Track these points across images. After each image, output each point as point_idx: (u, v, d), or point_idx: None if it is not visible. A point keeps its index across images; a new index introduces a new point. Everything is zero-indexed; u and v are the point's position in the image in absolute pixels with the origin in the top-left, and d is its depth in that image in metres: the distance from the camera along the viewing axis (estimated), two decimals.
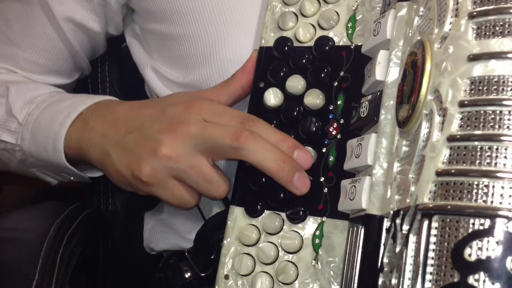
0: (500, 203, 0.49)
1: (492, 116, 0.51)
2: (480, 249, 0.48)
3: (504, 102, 0.50)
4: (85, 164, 0.87)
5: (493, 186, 0.49)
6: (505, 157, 0.50)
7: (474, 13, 0.53)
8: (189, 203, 0.74)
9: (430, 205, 0.51)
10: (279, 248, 0.70)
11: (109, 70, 1.07)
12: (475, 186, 0.50)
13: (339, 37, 0.73)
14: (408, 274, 0.52)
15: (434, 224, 0.51)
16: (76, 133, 0.82)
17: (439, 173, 0.51)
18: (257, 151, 0.69)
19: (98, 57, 1.05)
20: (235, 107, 0.77)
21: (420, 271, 0.50)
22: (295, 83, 0.73)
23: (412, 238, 0.52)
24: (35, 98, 0.89)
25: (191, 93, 0.79)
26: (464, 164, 0.51)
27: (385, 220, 0.58)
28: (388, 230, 0.57)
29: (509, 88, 0.51)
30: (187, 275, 0.80)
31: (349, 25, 0.73)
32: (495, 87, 0.51)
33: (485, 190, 0.49)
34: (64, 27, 0.92)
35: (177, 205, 0.74)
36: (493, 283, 0.47)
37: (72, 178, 0.91)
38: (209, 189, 0.72)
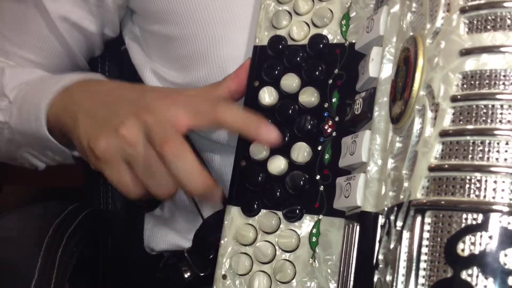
0: (493, 197, 0.48)
1: (484, 111, 0.50)
2: (473, 244, 0.48)
3: (497, 96, 0.50)
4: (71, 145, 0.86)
5: (486, 181, 0.49)
6: (497, 151, 0.49)
7: (466, 7, 0.53)
8: (132, 193, 0.72)
9: (423, 201, 0.51)
10: (276, 247, 0.70)
11: (109, 71, 1.07)
12: (467, 181, 0.50)
13: (333, 34, 0.73)
14: (402, 270, 0.52)
15: (427, 220, 0.51)
16: (58, 102, 0.82)
17: (431, 169, 0.51)
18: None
19: (98, 58, 1.05)
20: None
21: (414, 267, 0.50)
22: (290, 81, 0.73)
23: (406, 234, 0.52)
24: (28, 80, 0.90)
25: (178, 90, 0.79)
26: (457, 159, 0.50)
27: (380, 216, 0.58)
28: (383, 227, 0.57)
29: (501, 82, 0.50)
30: (187, 275, 0.80)
31: (343, 22, 0.73)
32: (487, 81, 0.51)
33: (478, 185, 0.49)
34: (59, 26, 0.92)
35: (120, 190, 0.73)
36: (486, 278, 0.47)
37: (57, 157, 0.91)
38: (151, 185, 0.71)
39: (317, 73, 0.72)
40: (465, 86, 0.52)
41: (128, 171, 0.71)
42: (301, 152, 0.71)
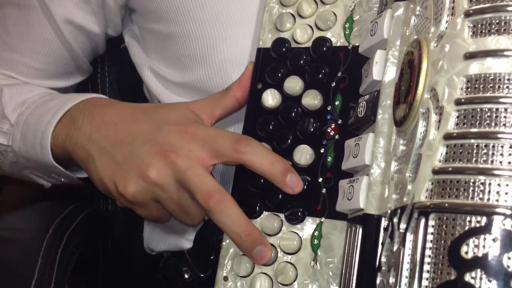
0: (497, 200, 0.48)
1: (489, 114, 0.51)
2: (476, 246, 0.48)
3: (501, 100, 0.50)
4: (77, 166, 0.86)
5: (490, 184, 0.49)
6: (501, 154, 0.49)
7: (470, 11, 0.53)
8: (163, 221, 0.77)
9: (427, 203, 0.51)
10: (278, 249, 0.70)
11: (109, 70, 1.07)
12: (471, 183, 0.50)
13: (336, 37, 0.73)
14: (405, 272, 0.52)
15: (431, 222, 0.51)
16: (63, 131, 0.81)
17: (435, 171, 0.51)
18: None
19: (98, 57, 1.05)
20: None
21: (417, 269, 0.50)
22: (293, 84, 0.73)
23: (409, 237, 0.52)
24: (27, 100, 0.89)
25: (187, 107, 0.78)
26: (461, 162, 0.51)
27: (383, 219, 0.58)
28: (386, 229, 0.57)
29: (505, 86, 0.51)
30: (187, 275, 0.80)
31: (346, 25, 0.73)
32: (491, 85, 0.51)
33: (482, 188, 0.49)
34: (64, 29, 0.92)
35: (150, 220, 0.78)
36: (489, 281, 0.47)
37: (62, 179, 0.91)
38: (183, 219, 0.74)
39: (320, 76, 0.72)
40: (469, 89, 0.52)
41: (159, 207, 0.74)
42: (304, 154, 0.71)
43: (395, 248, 0.54)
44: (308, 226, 0.70)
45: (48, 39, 0.93)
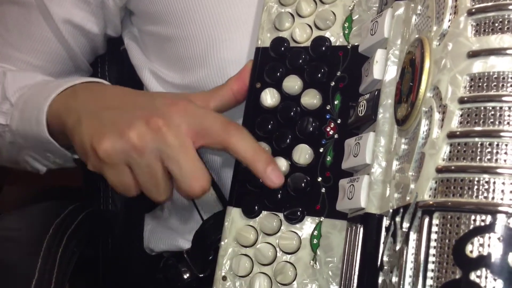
0: (501, 199, 0.48)
1: (492, 112, 0.50)
2: (481, 245, 0.48)
3: (504, 98, 0.50)
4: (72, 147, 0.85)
5: (494, 182, 0.49)
6: (505, 153, 0.49)
7: (473, 9, 0.53)
8: (130, 193, 0.71)
9: (431, 202, 0.51)
10: (277, 249, 0.70)
11: (109, 70, 1.07)
12: (475, 182, 0.49)
13: (335, 37, 0.73)
14: (409, 271, 0.51)
15: (435, 221, 0.50)
16: (61, 102, 0.80)
17: (439, 170, 0.51)
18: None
19: (98, 58, 1.05)
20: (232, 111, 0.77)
21: (421, 269, 0.50)
22: (292, 83, 0.73)
23: (413, 236, 0.52)
24: (30, 84, 0.89)
25: (182, 94, 0.78)
26: (465, 161, 0.50)
27: (385, 218, 0.58)
28: (387, 229, 0.57)
29: (509, 84, 0.50)
30: (186, 276, 0.80)
31: (345, 25, 0.73)
32: (494, 83, 0.51)
33: (486, 186, 0.49)
34: (62, 29, 0.92)
35: (117, 190, 0.71)
36: (495, 279, 0.47)
37: (57, 160, 0.90)
38: (152, 192, 0.70)
39: (319, 75, 0.72)
40: (472, 88, 0.52)
41: (129, 174, 0.69)
42: (303, 154, 0.71)
43: (398, 247, 0.54)
44: (308, 226, 0.70)
45: (47, 38, 0.93)
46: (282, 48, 0.75)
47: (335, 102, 0.71)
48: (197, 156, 0.69)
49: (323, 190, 0.70)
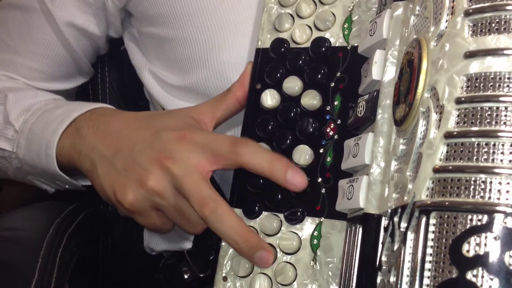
0: (498, 198, 0.49)
1: (489, 113, 0.51)
2: (478, 244, 0.48)
3: (501, 99, 0.50)
4: (81, 174, 0.86)
5: (491, 182, 0.49)
6: (502, 153, 0.49)
7: (470, 10, 0.53)
8: (165, 230, 0.75)
9: (428, 202, 0.51)
10: (278, 249, 0.70)
11: (109, 71, 1.07)
12: (472, 182, 0.50)
13: (335, 38, 0.73)
14: (406, 271, 0.52)
15: (432, 221, 0.51)
16: (69, 141, 0.81)
17: (436, 170, 0.51)
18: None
19: (98, 58, 1.05)
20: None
21: (419, 268, 0.50)
22: (292, 84, 0.74)
23: (410, 235, 0.52)
24: (32, 106, 0.89)
25: (187, 114, 0.77)
26: (462, 161, 0.51)
27: (383, 218, 0.59)
28: (386, 229, 0.58)
29: (505, 85, 0.51)
30: (186, 275, 0.80)
31: (345, 26, 0.73)
32: (491, 83, 0.51)
33: (483, 186, 0.49)
34: (65, 32, 0.93)
35: (152, 230, 0.76)
36: (491, 279, 0.47)
37: (67, 186, 0.91)
38: (185, 226, 0.73)
39: (319, 76, 0.72)
40: (469, 88, 0.52)
41: (158, 216, 0.73)
42: (303, 154, 0.71)
43: (395, 247, 0.54)
44: (308, 226, 0.70)
45: (50, 41, 0.93)
46: (282, 49, 0.75)
47: (335, 103, 0.71)
48: (203, 180, 0.70)
49: (323, 190, 0.70)
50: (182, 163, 0.70)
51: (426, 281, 0.50)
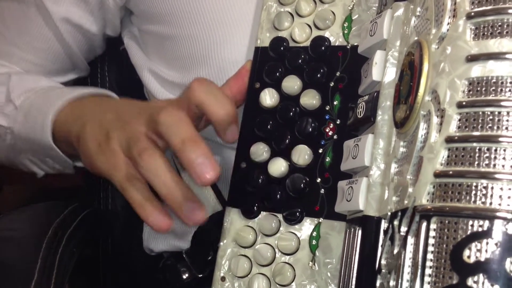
0: (499, 204, 0.48)
1: (491, 117, 0.50)
2: (479, 250, 0.48)
3: (503, 103, 0.50)
4: (73, 157, 0.86)
5: (492, 188, 0.49)
6: (503, 158, 0.49)
7: (472, 13, 0.53)
8: (151, 210, 0.67)
9: (429, 207, 0.51)
10: (276, 250, 0.70)
11: (109, 70, 1.07)
12: (473, 187, 0.49)
13: (335, 37, 0.73)
14: (406, 275, 0.51)
15: (433, 226, 0.50)
16: (68, 111, 0.81)
17: (437, 175, 0.51)
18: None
19: (98, 58, 1.05)
20: None
21: (419, 273, 0.50)
22: (291, 83, 0.73)
23: (411, 240, 0.52)
24: (35, 88, 0.89)
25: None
26: (463, 166, 0.50)
27: (383, 221, 0.58)
28: (385, 232, 0.57)
29: (507, 89, 0.50)
30: (185, 276, 0.80)
31: (345, 25, 0.73)
32: (493, 88, 0.51)
33: (484, 192, 0.49)
34: (61, 28, 0.92)
35: (138, 207, 0.67)
36: (492, 285, 0.47)
37: (57, 166, 0.90)
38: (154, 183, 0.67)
39: (318, 75, 0.72)
40: (471, 92, 0.51)
41: (143, 183, 0.67)
42: (302, 154, 0.71)
43: (395, 251, 0.54)
44: (306, 227, 0.70)
45: (46, 36, 0.93)
46: (282, 48, 0.75)
47: (335, 103, 0.71)
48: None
49: (322, 191, 0.69)
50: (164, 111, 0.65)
51: (426, 286, 0.50)
